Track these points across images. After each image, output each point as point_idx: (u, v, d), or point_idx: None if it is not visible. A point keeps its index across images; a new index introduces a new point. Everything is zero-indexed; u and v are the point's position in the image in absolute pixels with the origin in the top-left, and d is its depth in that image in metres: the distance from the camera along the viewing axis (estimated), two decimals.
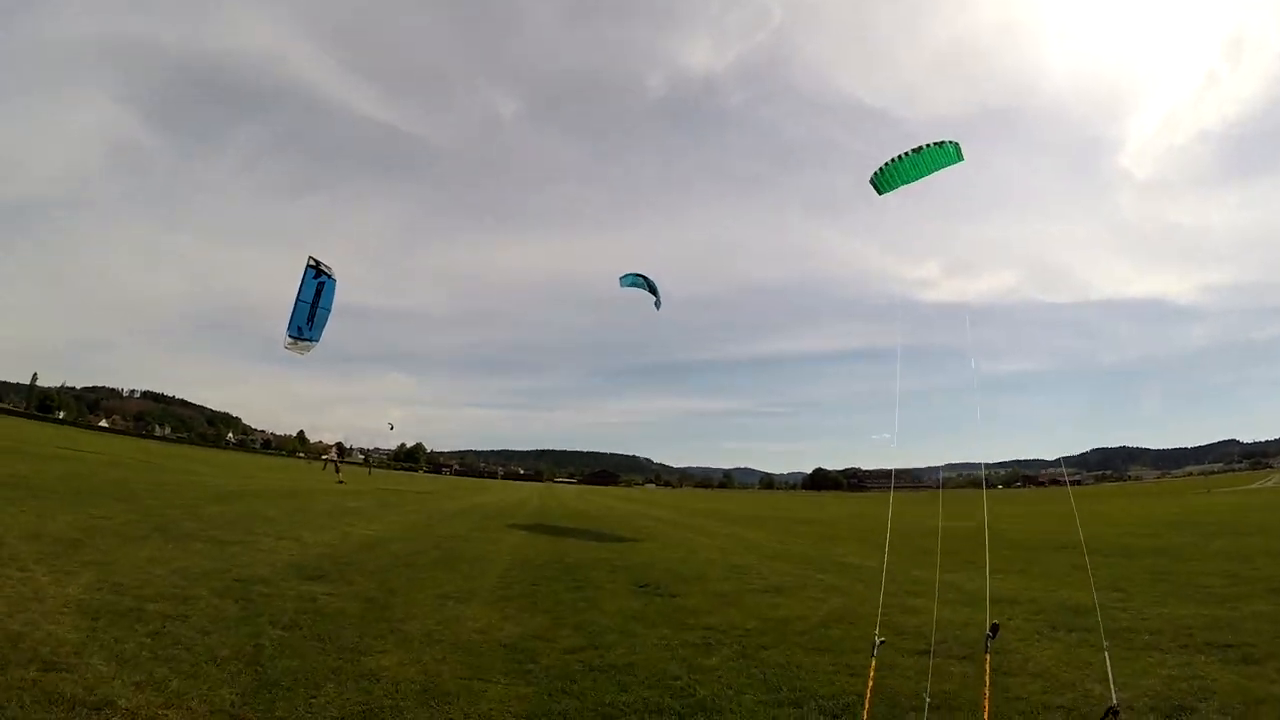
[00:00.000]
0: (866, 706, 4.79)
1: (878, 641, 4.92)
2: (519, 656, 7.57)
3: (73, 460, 32.29)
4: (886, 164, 7.17)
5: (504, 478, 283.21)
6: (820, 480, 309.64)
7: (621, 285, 23.95)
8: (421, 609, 9.44)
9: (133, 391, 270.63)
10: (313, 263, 16.51)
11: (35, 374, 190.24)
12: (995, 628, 4.71)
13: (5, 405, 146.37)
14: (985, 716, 4.45)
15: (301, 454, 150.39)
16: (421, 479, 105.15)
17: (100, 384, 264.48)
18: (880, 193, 7.36)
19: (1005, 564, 15.70)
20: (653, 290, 24.84)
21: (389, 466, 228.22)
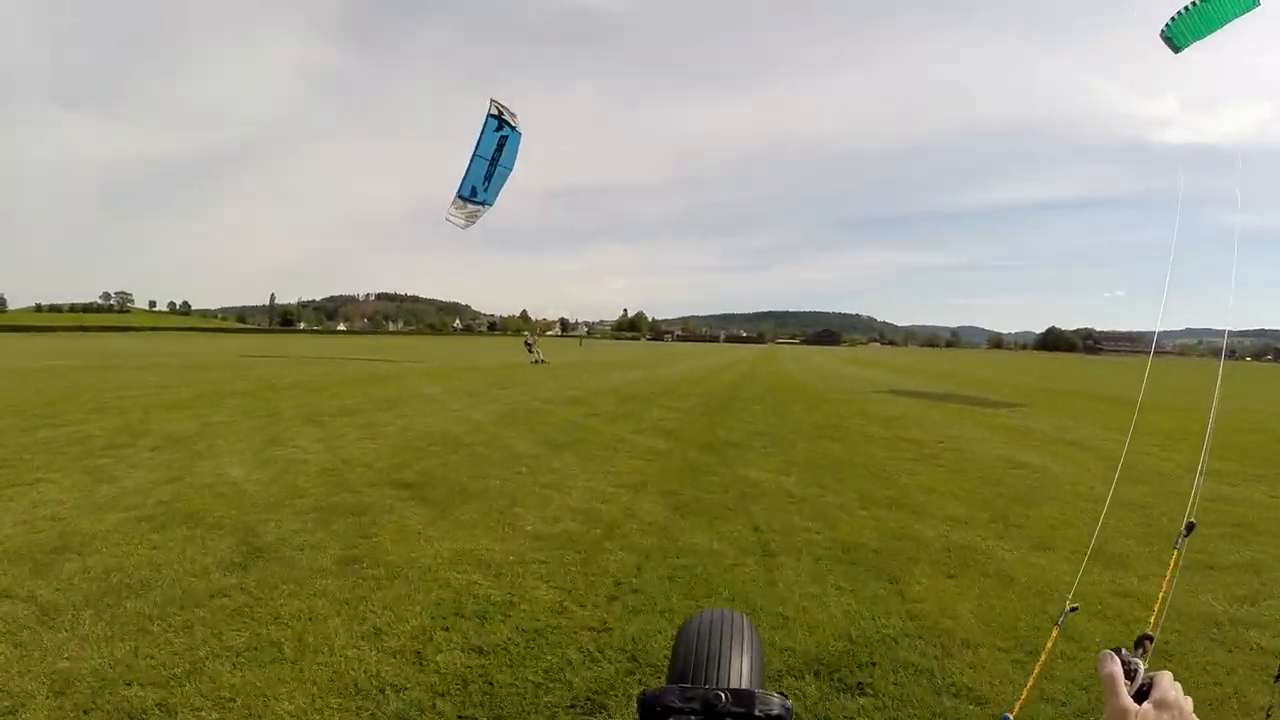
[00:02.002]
0: (1024, 696, 3.12)
1: (1068, 609, 2.98)
2: None
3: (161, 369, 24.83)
4: (1178, 16, 5.33)
5: (726, 341, 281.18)
6: (1054, 341, 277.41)
7: None
8: None
9: (368, 295, 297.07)
10: (496, 110, 9.13)
11: (273, 294, 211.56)
12: (1191, 526, 2.96)
13: (250, 324, 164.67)
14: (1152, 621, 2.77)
15: (525, 332, 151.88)
16: (627, 349, 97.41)
17: (338, 293, 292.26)
18: (1177, 50, 5.39)
19: None
20: None
21: (612, 337, 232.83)
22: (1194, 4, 5.94)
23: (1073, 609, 3.00)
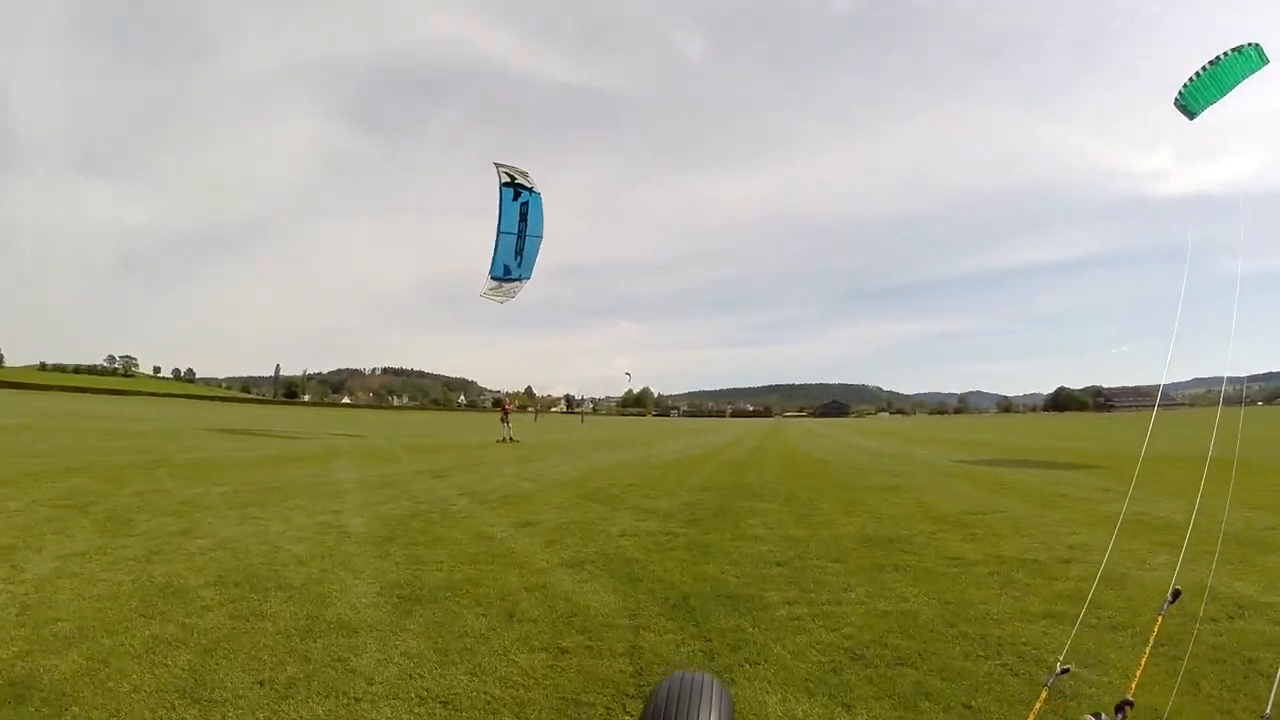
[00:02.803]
0: None
1: (1058, 670, 2.86)
2: None
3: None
4: (1190, 83, 6.56)
5: (733, 415, 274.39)
6: (1064, 401, 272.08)
7: None
8: None
9: (374, 369, 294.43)
10: (507, 177, 11.15)
11: (278, 365, 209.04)
12: (1177, 593, 3.22)
13: (254, 395, 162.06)
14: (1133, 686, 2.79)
15: (530, 408, 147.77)
16: (628, 425, 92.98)
17: (344, 366, 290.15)
18: (1192, 117, 6.67)
19: None
20: None
21: (618, 413, 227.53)
22: (1204, 70, 6.49)
23: (1063, 670, 2.77)
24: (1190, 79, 6.72)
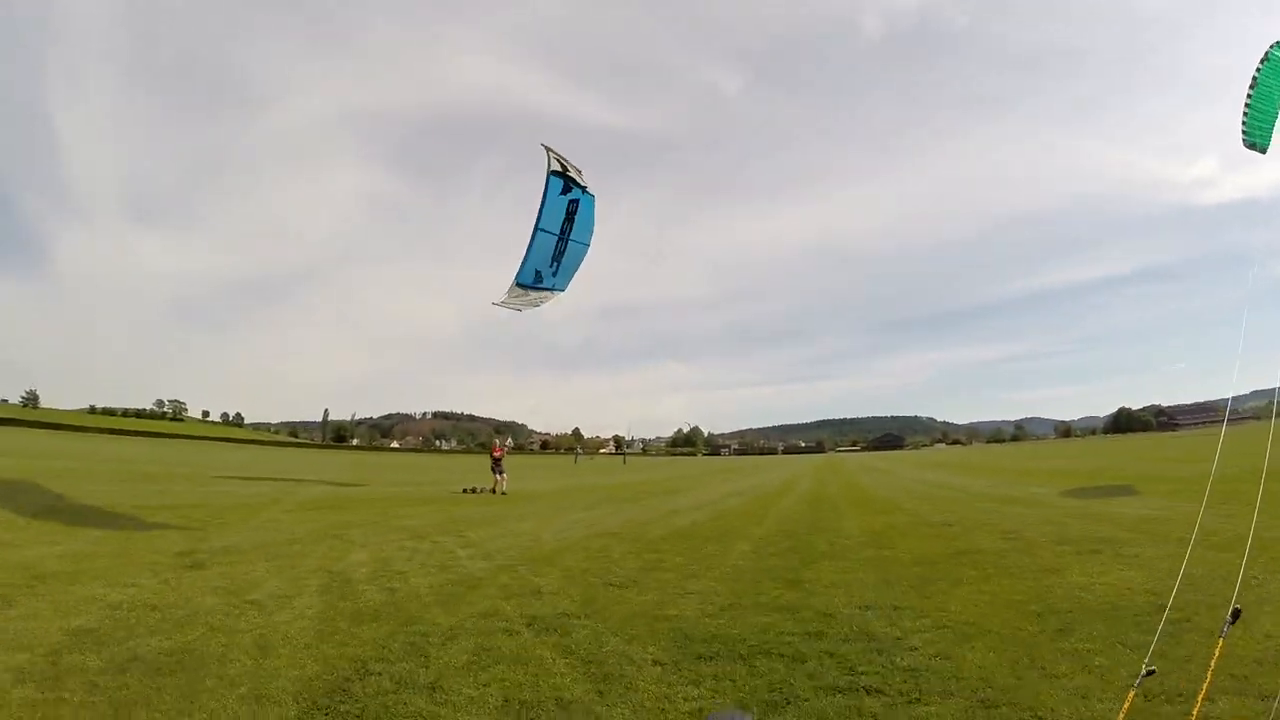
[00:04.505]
0: None
1: (1144, 671, 3.06)
2: None
3: None
4: (1246, 118, 5.85)
5: (784, 452, 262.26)
6: (1126, 422, 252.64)
7: None
8: None
9: (425, 413, 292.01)
10: (558, 167, 9.66)
11: (326, 410, 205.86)
12: (1237, 613, 3.35)
13: (302, 439, 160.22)
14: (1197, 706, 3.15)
15: (579, 449, 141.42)
16: (669, 466, 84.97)
17: (395, 410, 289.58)
18: (1264, 151, 6.07)
19: None
20: None
21: (668, 453, 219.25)
22: (1249, 98, 5.95)
23: (1149, 671, 2.74)
24: (1244, 115, 5.89)
